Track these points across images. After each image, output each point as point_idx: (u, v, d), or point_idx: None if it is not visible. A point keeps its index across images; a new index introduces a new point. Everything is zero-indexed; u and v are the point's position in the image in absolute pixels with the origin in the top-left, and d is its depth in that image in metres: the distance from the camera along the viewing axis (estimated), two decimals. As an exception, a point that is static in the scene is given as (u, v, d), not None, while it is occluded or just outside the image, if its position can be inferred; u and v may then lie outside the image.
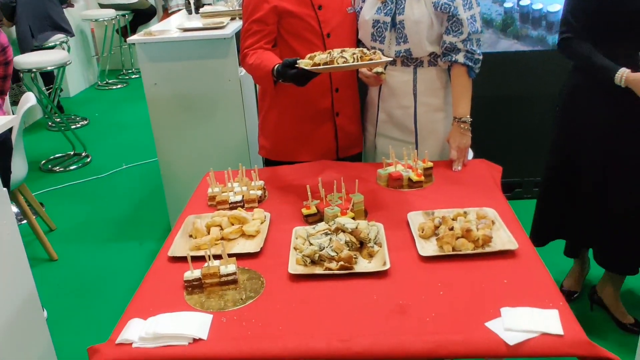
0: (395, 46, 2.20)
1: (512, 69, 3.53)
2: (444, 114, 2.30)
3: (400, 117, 2.30)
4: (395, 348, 1.30)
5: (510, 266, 1.58)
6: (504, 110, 3.64)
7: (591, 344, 1.29)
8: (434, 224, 1.74)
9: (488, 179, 2.14)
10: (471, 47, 2.16)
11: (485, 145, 3.43)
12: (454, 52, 2.17)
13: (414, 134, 2.30)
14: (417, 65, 2.23)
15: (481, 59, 2.21)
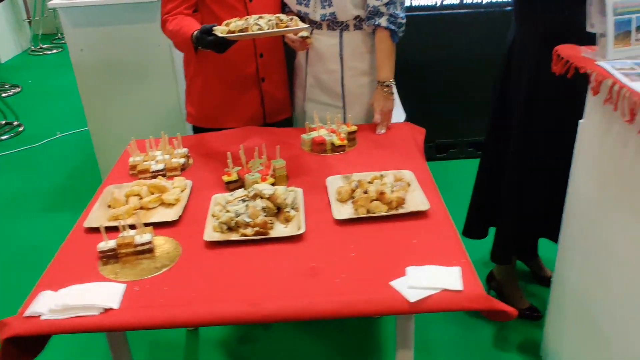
0: (321, 10, 2.20)
1: (446, 30, 3.56)
2: (370, 77, 2.32)
3: (327, 82, 2.31)
4: (303, 309, 1.35)
5: (421, 226, 1.63)
6: (438, 72, 3.70)
7: (488, 298, 1.36)
8: (351, 187, 1.78)
9: (410, 142, 2.18)
10: (394, 11, 2.17)
11: (419, 107, 3.50)
12: (377, 15, 2.18)
13: (342, 98, 2.32)
14: (343, 29, 2.24)
15: (405, 23, 2.23)
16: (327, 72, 2.30)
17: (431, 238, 1.58)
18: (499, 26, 2.66)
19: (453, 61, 3.66)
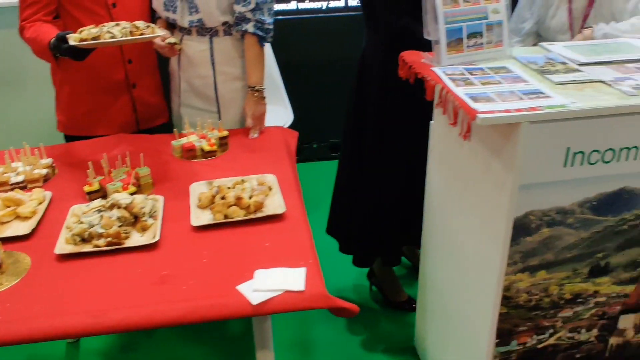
0: (188, 16, 2.20)
1: (335, 32, 3.63)
2: (243, 82, 2.35)
3: (200, 87, 2.32)
4: (146, 318, 1.36)
5: (276, 229, 1.68)
6: (330, 73, 3.77)
7: (329, 297, 1.43)
8: (212, 193, 1.80)
9: (281, 146, 2.23)
10: (261, 17, 2.21)
11: (312, 108, 3.57)
12: (244, 21, 2.21)
13: (216, 102, 2.34)
14: (213, 34, 2.25)
15: (272, 28, 2.27)
16: (199, 77, 2.31)
17: (284, 240, 1.63)
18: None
19: (344, 62, 3.74)
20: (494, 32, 1.68)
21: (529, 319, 1.65)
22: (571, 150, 1.41)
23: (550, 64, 1.65)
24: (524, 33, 2.22)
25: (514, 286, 1.58)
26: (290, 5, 3.50)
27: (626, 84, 1.48)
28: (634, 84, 1.48)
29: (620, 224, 1.55)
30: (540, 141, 1.38)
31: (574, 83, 1.50)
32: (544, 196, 1.46)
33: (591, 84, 1.50)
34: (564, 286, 1.61)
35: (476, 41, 1.67)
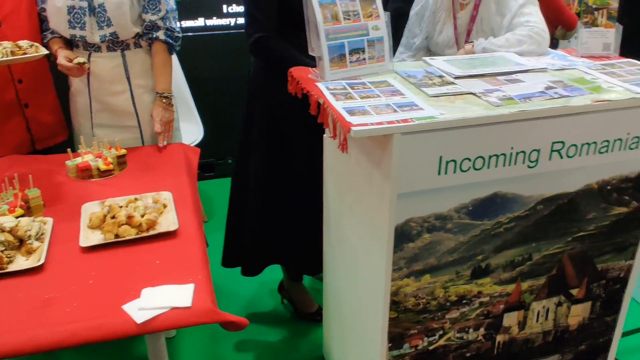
0: (99, 31, 2.17)
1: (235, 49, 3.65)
2: None
3: (117, 103, 2.29)
4: (26, 344, 1.32)
5: (168, 247, 1.67)
6: (235, 89, 3.78)
7: (216, 312, 1.44)
8: (104, 213, 1.77)
9: (181, 163, 2.22)
10: (170, 25, 2.23)
11: (221, 123, 3.57)
12: (154, 29, 2.21)
13: (135, 117, 2.31)
14: (124, 48, 2.23)
15: (181, 37, 2.30)
16: (114, 94, 2.27)
17: (175, 258, 1.62)
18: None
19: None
20: (376, 48, 1.75)
21: (419, 322, 1.71)
22: (444, 158, 1.49)
23: (429, 77, 1.73)
24: (415, 48, 2.32)
25: (402, 291, 1.64)
26: (198, 22, 3.51)
27: (494, 95, 1.58)
28: (501, 95, 1.58)
29: (496, 227, 1.65)
30: (414, 151, 1.45)
31: (446, 95, 1.59)
32: (422, 203, 1.53)
33: (462, 95, 1.59)
34: (448, 289, 1.69)
35: (358, 57, 1.73)
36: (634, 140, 1.66)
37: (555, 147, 1.58)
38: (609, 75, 1.75)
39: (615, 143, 1.64)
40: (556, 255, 1.76)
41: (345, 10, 1.71)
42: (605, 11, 1.92)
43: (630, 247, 1.85)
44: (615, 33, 1.92)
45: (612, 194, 1.73)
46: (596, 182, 1.69)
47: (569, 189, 1.67)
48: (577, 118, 1.56)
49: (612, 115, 1.60)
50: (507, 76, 1.74)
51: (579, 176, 1.66)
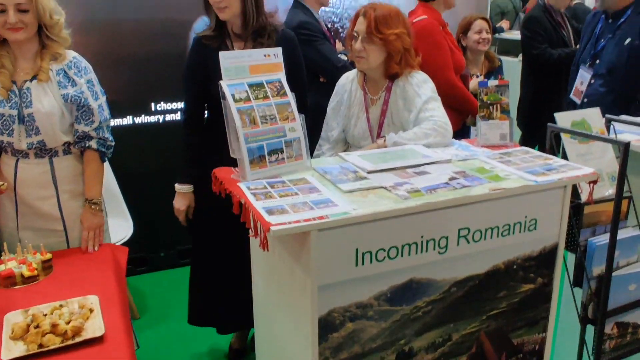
0: (27, 138, 2.20)
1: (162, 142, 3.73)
2: None
3: (43, 208, 2.29)
4: None
5: (94, 354, 1.66)
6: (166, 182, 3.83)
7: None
8: (27, 322, 1.75)
9: (109, 264, 2.23)
10: (103, 134, 2.29)
11: (151, 218, 3.57)
12: (86, 139, 2.26)
13: (61, 221, 2.31)
14: (52, 155, 2.26)
15: (113, 144, 2.35)
16: (40, 199, 2.28)
17: (101, 364, 1.61)
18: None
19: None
20: (293, 147, 1.88)
21: (349, 411, 1.74)
22: (360, 250, 1.59)
23: (344, 173, 1.86)
24: (333, 140, 2.47)
25: (330, 381, 1.68)
26: (126, 119, 3.58)
27: (403, 188, 1.71)
28: (409, 188, 1.71)
29: (415, 312, 1.74)
30: (331, 245, 1.54)
31: (360, 190, 1.71)
32: (342, 294, 1.61)
33: (374, 190, 1.71)
34: (375, 375, 1.74)
35: (277, 157, 1.84)
36: (532, 222, 1.82)
37: (462, 233, 1.72)
38: (505, 164, 1.93)
39: (515, 226, 1.80)
40: (474, 333, 1.86)
41: (263, 114, 1.83)
42: (498, 105, 2.13)
43: (541, 321, 1.98)
44: (509, 124, 2.13)
45: (518, 273, 1.86)
46: (502, 263, 1.82)
47: (479, 271, 1.79)
48: (479, 206, 1.71)
49: (510, 202, 1.76)
50: (416, 168, 1.89)
51: (487, 258, 1.79)
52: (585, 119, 2.12)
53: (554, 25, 4.13)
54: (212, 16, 2.36)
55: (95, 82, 2.30)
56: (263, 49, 1.92)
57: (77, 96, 2.22)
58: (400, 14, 2.24)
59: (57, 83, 2.20)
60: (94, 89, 2.28)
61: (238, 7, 2.29)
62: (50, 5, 2.14)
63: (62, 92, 2.20)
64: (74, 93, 2.22)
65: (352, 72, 2.45)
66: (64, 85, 2.21)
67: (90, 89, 2.26)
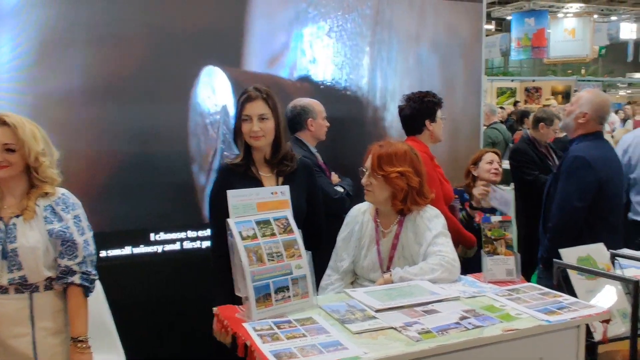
0: (8, 274, 2.15)
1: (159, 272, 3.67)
2: (65, 334, 2.26)
3: (16, 347, 2.19)
4: None
5: None
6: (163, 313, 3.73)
7: None
8: None
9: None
10: (86, 269, 2.23)
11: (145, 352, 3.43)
12: (69, 274, 2.21)
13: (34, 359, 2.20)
14: (33, 290, 2.20)
15: (97, 279, 2.29)
16: (15, 336, 2.18)
17: None
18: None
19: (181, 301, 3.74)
20: (300, 285, 1.85)
21: None
22: (371, 397, 1.51)
23: (351, 311, 1.81)
24: (342, 271, 2.44)
25: None
26: (125, 250, 3.55)
27: (413, 329, 1.67)
28: (420, 329, 1.67)
29: None
30: (342, 392, 1.47)
31: (369, 331, 1.66)
32: None
33: (384, 331, 1.67)
34: None
35: (284, 295, 1.81)
36: (547, 364, 1.76)
37: (476, 377, 1.65)
38: (515, 302, 1.90)
39: (530, 368, 1.73)
40: None
41: (269, 252, 1.82)
42: (503, 241, 2.14)
43: None
44: (515, 260, 2.12)
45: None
46: (519, 408, 1.73)
47: (495, 417, 1.70)
48: (492, 347, 1.66)
49: (523, 342, 1.71)
50: (424, 307, 1.85)
51: (502, 403, 1.70)
52: (591, 254, 2.12)
53: (539, 156, 4.27)
54: (241, 144, 2.42)
55: (83, 218, 2.30)
56: (271, 187, 1.96)
57: (62, 231, 2.21)
58: (408, 153, 2.31)
59: (44, 219, 2.20)
60: (81, 224, 2.27)
61: (272, 136, 2.37)
62: (37, 148, 2.17)
63: (47, 227, 2.19)
64: (59, 228, 2.21)
65: (364, 204, 2.47)
66: (50, 221, 2.21)
67: (77, 224, 2.25)
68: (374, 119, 3.61)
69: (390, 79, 3.64)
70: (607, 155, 2.87)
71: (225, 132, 3.25)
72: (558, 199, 2.78)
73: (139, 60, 3.06)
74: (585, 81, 15.24)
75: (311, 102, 3.18)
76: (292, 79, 3.38)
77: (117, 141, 3.46)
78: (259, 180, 2.33)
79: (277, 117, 2.36)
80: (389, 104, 3.64)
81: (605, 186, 2.73)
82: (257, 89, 2.35)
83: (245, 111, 2.32)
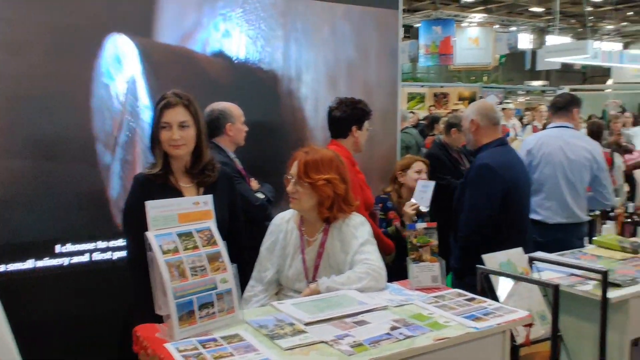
0: None
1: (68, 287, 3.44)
2: None
3: None
4: None
5: None
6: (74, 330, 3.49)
7: None
8: None
9: None
10: None
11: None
12: None
13: None
14: None
15: None
16: None
17: None
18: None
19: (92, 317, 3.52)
20: (225, 300, 1.75)
21: None
22: (304, 417, 1.44)
23: (280, 326, 1.74)
24: (266, 281, 2.35)
25: None
26: (26, 264, 3.29)
27: (345, 342, 1.62)
28: (352, 342, 1.63)
29: None
30: (274, 414, 1.40)
31: (300, 347, 1.60)
32: None
33: (315, 345, 1.61)
34: None
35: (208, 311, 1.71)
36: (476, 371, 1.77)
37: (408, 387, 1.62)
38: (442, 309, 1.90)
39: (460, 375, 1.73)
40: None
41: (192, 266, 1.72)
42: (428, 248, 2.15)
43: None
44: (439, 266, 2.13)
45: None
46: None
47: None
48: (423, 357, 1.64)
49: (452, 350, 1.70)
50: (354, 317, 1.81)
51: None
52: (511, 259, 2.17)
53: (452, 161, 4.39)
54: (159, 153, 2.26)
55: None
56: (193, 197, 1.85)
57: None
58: (334, 160, 2.26)
59: None
60: None
61: (193, 144, 2.24)
62: None
63: None
64: None
65: (288, 212, 2.40)
66: None
67: None
68: (288, 91, 3.49)
69: (304, 53, 3.54)
70: (512, 161, 2.91)
71: (133, 104, 3.04)
72: (467, 208, 2.80)
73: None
74: (489, 88, 15.99)
75: (229, 106, 3.08)
76: (205, 53, 3.21)
77: (12, 145, 3.19)
78: (179, 191, 2.20)
79: (199, 124, 2.24)
80: (304, 77, 3.53)
81: (512, 192, 2.77)
82: (177, 95, 2.22)
83: (164, 118, 2.19)
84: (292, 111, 3.57)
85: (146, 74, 3.03)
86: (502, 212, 2.73)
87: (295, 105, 3.57)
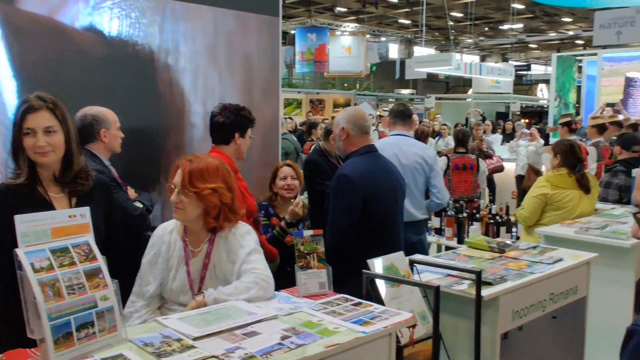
0: None
1: None
2: None
3: None
4: None
5: None
6: None
7: None
8: None
9: None
10: None
11: None
12: None
13: None
14: None
15: None
16: None
17: None
18: None
19: None
20: (106, 319, 1.64)
21: None
22: None
23: (167, 342, 1.67)
24: (148, 296, 2.24)
25: None
26: None
27: (236, 355, 1.59)
28: (243, 354, 1.59)
29: None
30: None
31: (188, 364, 1.53)
32: None
33: (206, 361, 1.56)
34: None
35: (87, 332, 1.59)
36: (366, 374, 1.80)
37: (301, 397, 1.62)
38: (331, 315, 1.92)
39: (351, 380, 1.76)
40: None
41: (69, 284, 1.59)
42: (315, 254, 2.16)
43: None
44: (327, 273, 2.16)
45: None
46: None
47: None
48: (317, 365, 1.65)
49: (343, 356, 1.72)
50: (243, 329, 1.78)
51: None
52: (394, 263, 2.24)
53: (331, 167, 4.49)
54: (23, 161, 2.05)
55: None
56: (68, 210, 1.72)
57: None
58: (220, 168, 2.20)
59: None
60: None
61: (62, 150, 2.07)
62: None
63: None
64: None
65: (170, 222, 2.30)
66: None
67: None
68: (165, 66, 3.30)
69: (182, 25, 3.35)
70: (373, 169, 2.87)
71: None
72: (329, 220, 2.79)
73: None
74: (362, 95, 16.55)
75: (103, 111, 2.90)
76: (74, 27, 2.94)
77: None
78: (48, 202, 2.04)
79: (67, 128, 2.09)
80: (181, 48, 3.36)
81: (372, 201, 2.76)
82: (41, 98, 2.04)
83: (27, 124, 2.01)
84: (170, 86, 3.37)
85: (7, 41, 2.72)
86: (363, 222, 2.74)
87: (173, 80, 3.39)
